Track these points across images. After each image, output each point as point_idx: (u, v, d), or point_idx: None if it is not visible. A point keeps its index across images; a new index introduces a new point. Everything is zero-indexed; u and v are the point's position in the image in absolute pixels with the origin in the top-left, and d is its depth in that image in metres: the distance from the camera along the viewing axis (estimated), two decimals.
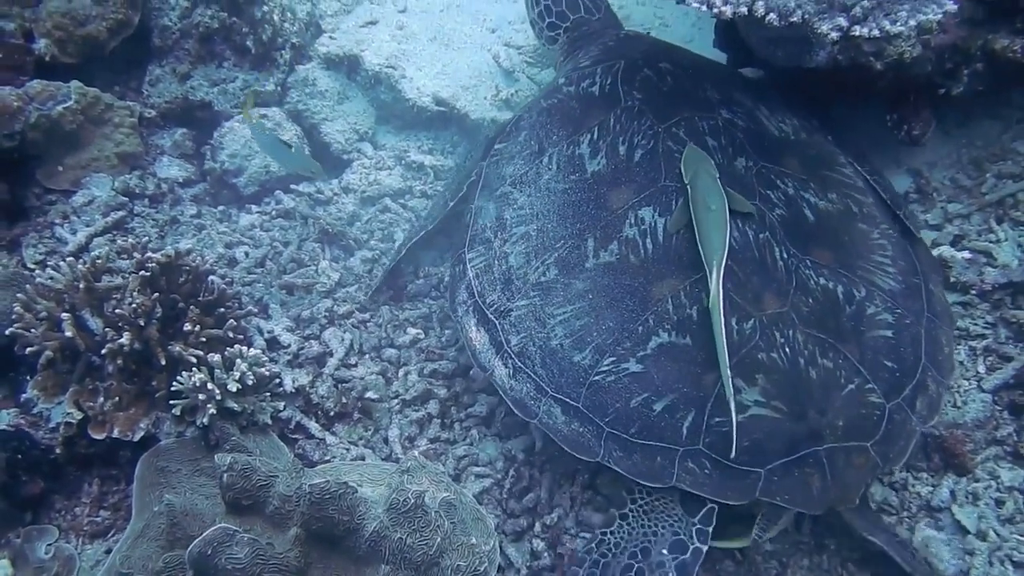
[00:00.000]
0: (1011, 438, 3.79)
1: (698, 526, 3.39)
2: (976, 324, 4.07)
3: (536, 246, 3.79)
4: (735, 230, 3.53)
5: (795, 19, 3.04)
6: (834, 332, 3.46)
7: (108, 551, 3.62)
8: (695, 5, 3.18)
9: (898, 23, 2.97)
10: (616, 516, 3.50)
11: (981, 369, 3.95)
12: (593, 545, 3.49)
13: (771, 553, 3.61)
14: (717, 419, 3.31)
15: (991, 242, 4.21)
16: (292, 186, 4.96)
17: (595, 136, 3.94)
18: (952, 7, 3.06)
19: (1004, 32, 3.96)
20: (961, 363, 3.98)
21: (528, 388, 3.63)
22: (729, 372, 3.21)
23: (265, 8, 5.17)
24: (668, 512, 3.44)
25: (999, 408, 3.86)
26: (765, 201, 3.69)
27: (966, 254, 4.18)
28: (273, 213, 4.90)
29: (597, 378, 3.48)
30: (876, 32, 2.98)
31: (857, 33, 3.00)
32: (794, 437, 3.29)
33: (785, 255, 3.56)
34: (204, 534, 2.89)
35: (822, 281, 3.54)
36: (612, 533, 3.49)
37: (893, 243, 3.81)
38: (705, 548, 3.36)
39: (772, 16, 3.05)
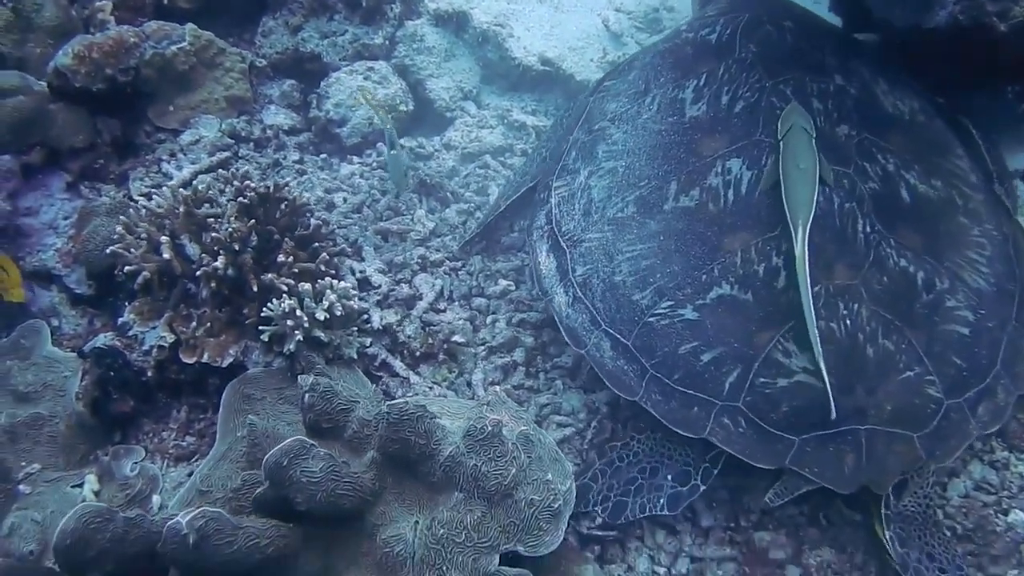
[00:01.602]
0: None
1: (706, 465, 3.40)
2: None
3: (620, 182, 3.75)
4: (821, 195, 3.41)
5: None
6: (904, 315, 3.31)
7: (191, 474, 3.66)
8: None
9: None
10: (648, 429, 3.51)
11: None
12: (619, 446, 3.59)
13: (858, 523, 3.45)
14: (762, 379, 3.24)
15: None
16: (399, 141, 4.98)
17: (701, 83, 3.87)
18: None
19: None
20: None
21: (584, 319, 3.62)
22: (817, 332, 3.12)
23: None
24: (688, 441, 3.39)
25: None
26: (860, 172, 3.56)
27: None
28: (374, 164, 4.91)
29: (652, 319, 3.44)
30: None
31: None
32: (838, 411, 3.16)
33: (868, 229, 3.43)
34: (281, 444, 2.88)
35: (902, 263, 3.39)
36: (637, 442, 3.56)
37: (995, 245, 3.61)
38: (703, 488, 3.38)
39: None
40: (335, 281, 3.77)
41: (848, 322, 3.26)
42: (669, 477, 3.43)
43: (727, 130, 3.70)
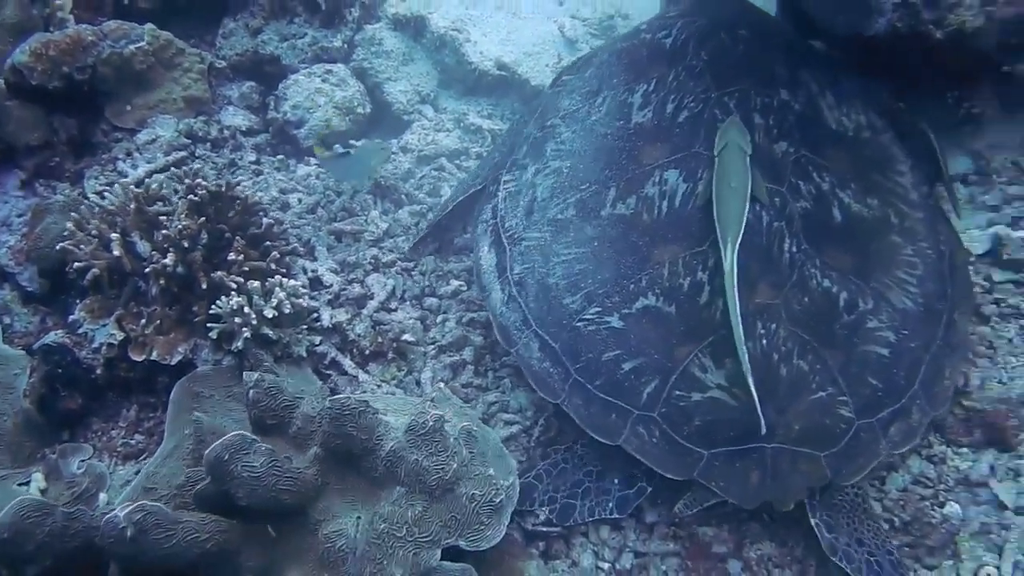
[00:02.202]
0: None
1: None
2: None
3: (564, 183, 3.79)
4: (750, 213, 3.43)
5: None
6: (822, 336, 3.35)
7: (138, 472, 3.65)
8: None
9: None
10: None
11: None
12: (563, 449, 3.62)
13: (799, 519, 3.50)
14: (678, 392, 3.29)
15: None
16: (351, 141, 5.00)
17: (650, 88, 3.91)
18: None
19: None
20: (1009, 341, 3.84)
21: (516, 318, 3.66)
22: (745, 348, 3.15)
23: None
24: None
25: None
26: (793, 191, 3.58)
27: (1022, 233, 4.02)
28: None
29: (579, 324, 3.48)
30: None
31: None
32: (746, 428, 3.21)
33: (794, 248, 3.46)
34: (223, 438, 2.89)
35: (826, 283, 3.42)
36: (582, 446, 3.57)
37: (927, 264, 3.61)
38: (649, 489, 3.42)
39: None
40: (285, 279, 3.79)
41: (764, 341, 3.30)
42: (616, 480, 3.46)
43: (669, 139, 3.73)
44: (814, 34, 4.41)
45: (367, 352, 4.00)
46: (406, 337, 4.03)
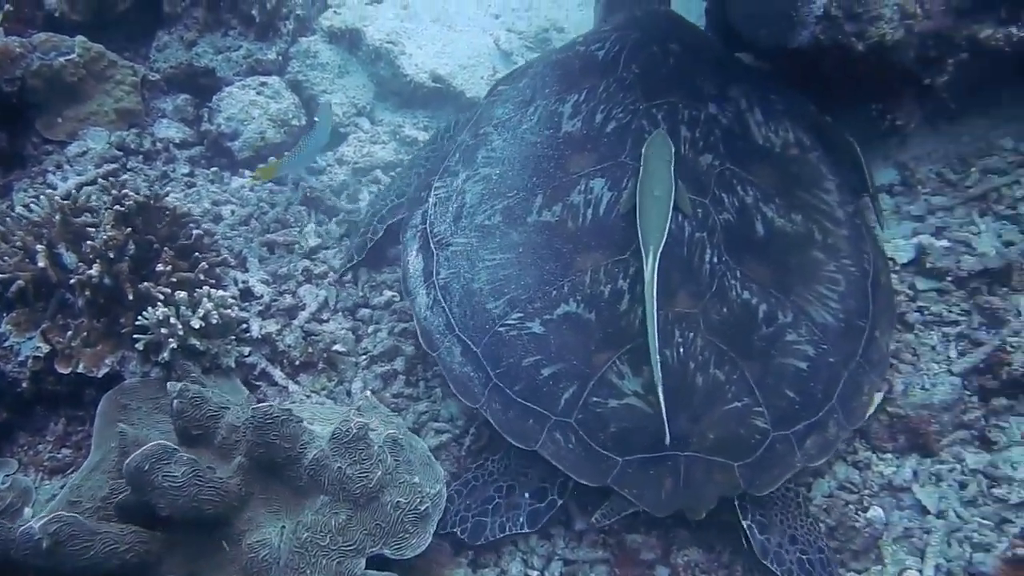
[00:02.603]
0: (979, 422, 3.70)
1: (563, 479, 3.42)
2: (951, 311, 3.99)
3: (492, 189, 3.82)
4: (672, 223, 3.48)
5: None
6: (740, 347, 3.37)
7: (64, 486, 3.62)
8: None
9: None
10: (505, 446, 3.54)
11: (953, 354, 3.87)
12: (474, 467, 3.63)
13: (727, 524, 3.54)
14: (595, 399, 3.31)
15: (972, 233, 4.15)
16: (286, 152, 4.99)
17: (581, 98, 3.96)
18: None
19: (990, 22, 3.94)
20: (933, 348, 3.93)
21: (440, 322, 3.68)
22: (659, 357, 3.19)
23: None
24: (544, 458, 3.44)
25: (968, 392, 3.77)
26: (716, 203, 3.63)
27: (945, 243, 4.12)
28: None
29: (501, 329, 3.50)
30: None
31: None
32: (660, 436, 3.22)
33: (715, 259, 3.50)
34: (143, 448, 2.87)
35: (745, 295, 3.45)
36: (493, 462, 3.60)
37: (850, 281, 3.65)
38: (560, 502, 3.45)
39: None
40: (213, 290, 3.77)
41: (681, 350, 3.32)
42: (526, 495, 3.47)
43: (596, 149, 3.78)
44: (740, 46, 4.49)
45: (297, 363, 4.00)
46: (337, 348, 4.04)
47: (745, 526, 3.33)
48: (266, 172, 4.53)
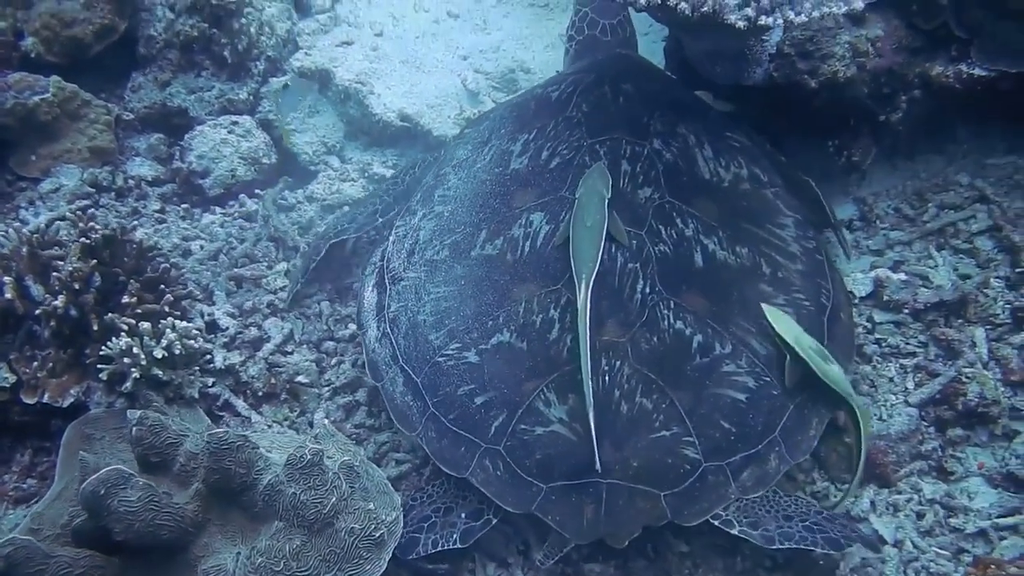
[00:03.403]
0: (935, 453, 3.78)
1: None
2: (909, 343, 4.09)
3: (443, 226, 3.93)
4: (605, 253, 3.55)
5: (705, 9, 3.16)
6: (670, 377, 3.40)
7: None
8: None
9: (801, 14, 3.08)
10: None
11: (910, 385, 3.96)
12: (414, 491, 3.68)
13: (685, 554, 3.59)
14: (523, 426, 3.38)
15: (929, 267, 4.25)
16: (257, 191, 5.08)
17: (530, 137, 4.07)
18: (859, 5, 3.16)
19: (941, 60, 4.08)
20: (890, 379, 4.02)
21: (386, 353, 3.77)
22: (591, 384, 3.24)
23: (243, 20, 5.37)
24: None
25: (926, 423, 3.85)
26: (653, 234, 3.69)
27: (902, 276, 4.21)
28: (235, 214, 5.01)
29: (440, 359, 3.59)
30: (779, 21, 3.09)
31: (762, 22, 3.10)
32: (583, 463, 3.28)
33: (647, 290, 3.56)
34: (99, 473, 2.91)
35: (679, 325, 3.49)
36: (432, 485, 3.65)
37: (802, 315, 3.67)
38: (495, 521, 3.47)
39: (684, 6, 3.16)
40: (176, 321, 3.83)
41: (607, 378, 3.38)
42: (463, 515, 3.50)
43: (539, 184, 3.89)
44: (699, 84, 4.61)
45: (260, 393, 4.06)
46: (299, 379, 4.10)
47: (737, 533, 3.32)
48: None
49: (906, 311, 4.14)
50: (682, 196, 3.83)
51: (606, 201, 3.62)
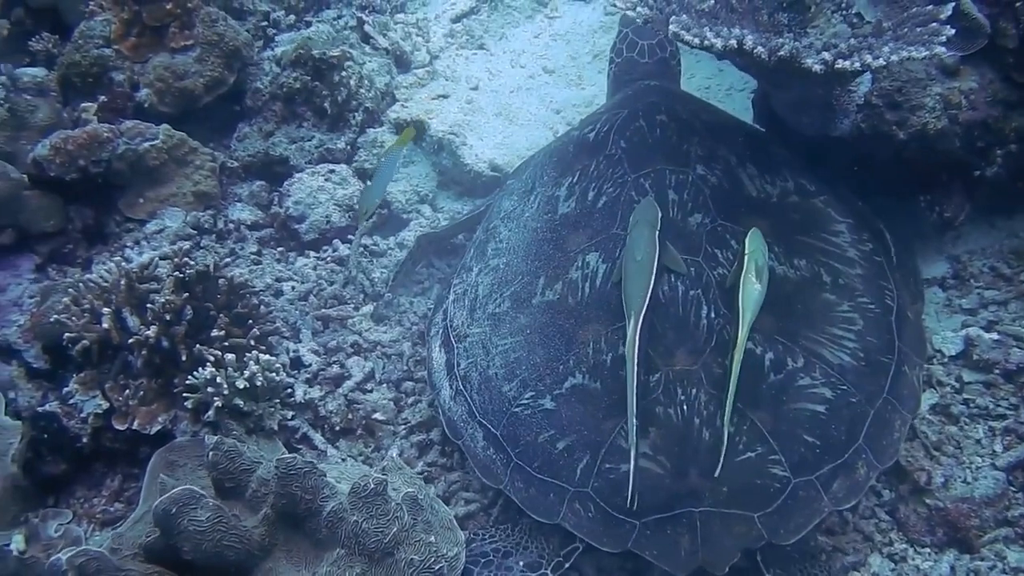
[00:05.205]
0: (1023, 519, 3.62)
1: (559, 559, 3.52)
2: (999, 405, 3.95)
3: (501, 278, 3.97)
4: (665, 284, 3.58)
5: (782, 53, 3.16)
6: (746, 398, 3.39)
7: None
8: (690, 40, 3.32)
9: (880, 58, 3.06)
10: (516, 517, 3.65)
11: (998, 448, 3.82)
12: (480, 527, 3.76)
13: None
14: (608, 465, 3.37)
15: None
16: (350, 236, 5.23)
17: (575, 180, 4.09)
18: (941, 50, 3.11)
19: None
20: (977, 441, 3.88)
21: (463, 411, 3.80)
22: (636, 421, 3.24)
23: (344, 73, 5.59)
24: (546, 535, 3.57)
25: (1013, 488, 3.70)
26: (710, 259, 3.70)
27: (995, 336, 4.07)
28: (328, 259, 5.15)
29: (517, 409, 3.60)
30: (857, 65, 3.07)
31: (840, 66, 3.09)
32: (673, 494, 3.27)
33: (712, 315, 3.56)
34: (171, 492, 3.03)
35: (748, 345, 3.44)
36: (498, 528, 3.72)
37: (869, 319, 3.68)
38: None
39: (760, 50, 3.17)
40: (260, 354, 3.97)
41: (684, 407, 3.37)
42: (521, 563, 3.52)
43: (589, 225, 3.91)
44: (785, 135, 4.58)
45: (337, 428, 4.14)
46: (377, 416, 4.17)
47: None
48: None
49: (997, 371, 4.00)
50: (733, 217, 3.83)
51: (656, 233, 3.62)
